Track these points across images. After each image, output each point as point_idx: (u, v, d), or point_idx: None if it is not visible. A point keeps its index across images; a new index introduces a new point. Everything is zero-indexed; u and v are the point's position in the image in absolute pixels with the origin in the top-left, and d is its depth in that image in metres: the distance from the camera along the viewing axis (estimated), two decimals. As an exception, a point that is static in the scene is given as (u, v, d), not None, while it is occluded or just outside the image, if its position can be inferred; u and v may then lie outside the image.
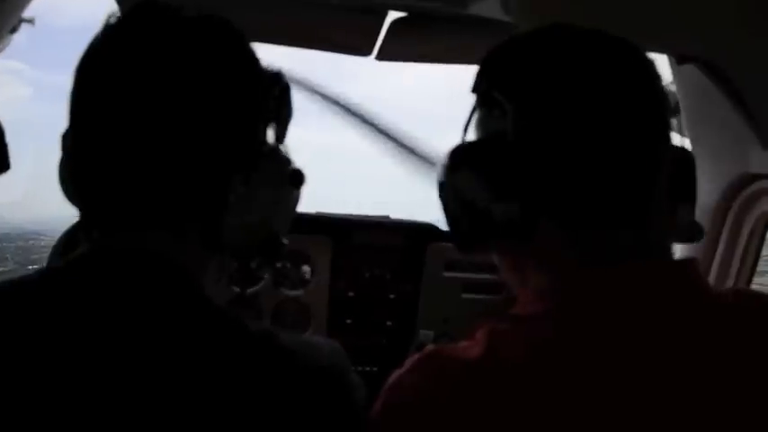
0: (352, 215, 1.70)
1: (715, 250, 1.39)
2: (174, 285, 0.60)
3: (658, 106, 0.67)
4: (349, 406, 0.62)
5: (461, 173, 0.68)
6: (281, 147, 0.71)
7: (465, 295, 1.66)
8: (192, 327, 0.58)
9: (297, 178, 0.72)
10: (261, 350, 0.59)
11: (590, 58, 0.66)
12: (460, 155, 0.69)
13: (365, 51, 1.31)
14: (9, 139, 0.96)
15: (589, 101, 0.64)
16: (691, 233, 0.80)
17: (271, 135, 0.70)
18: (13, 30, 1.26)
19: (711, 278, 1.38)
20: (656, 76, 0.67)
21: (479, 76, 0.73)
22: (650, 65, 0.67)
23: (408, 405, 0.62)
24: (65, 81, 0.64)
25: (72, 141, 0.64)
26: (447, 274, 1.65)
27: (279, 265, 1.61)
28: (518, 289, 0.72)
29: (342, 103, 1.54)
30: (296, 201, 0.76)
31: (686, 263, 0.66)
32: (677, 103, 1.42)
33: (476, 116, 0.73)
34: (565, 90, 0.64)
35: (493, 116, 0.68)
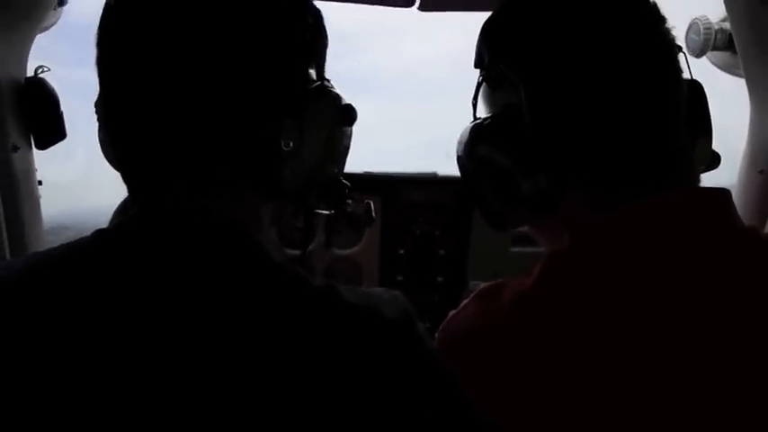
0: (400, 173, 1.71)
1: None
2: (231, 241, 0.58)
3: (666, 48, 0.66)
4: (422, 356, 0.59)
5: (485, 153, 0.68)
6: (326, 83, 0.66)
7: (514, 249, 1.66)
8: (255, 283, 0.56)
9: (349, 115, 0.69)
10: (325, 306, 0.56)
11: (589, 12, 0.65)
12: (481, 135, 0.68)
13: (408, 2, 1.31)
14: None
15: (597, 58, 0.63)
16: (711, 162, 0.79)
17: (313, 72, 0.66)
18: (62, 2, 1.28)
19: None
20: (660, 19, 0.67)
21: (481, 50, 0.72)
22: (653, 7, 0.67)
23: (467, 333, 0.64)
24: (88, 76, 0.61)
25: (104, 100, 0.61)
26: None
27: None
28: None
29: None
30: (349, 138, 0.72)
31: (715, 192, 0.64)
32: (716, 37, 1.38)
33: (484, 90, 0.72)
34: (570, 52, 0.64)
35: (502, 89, 0.68)
